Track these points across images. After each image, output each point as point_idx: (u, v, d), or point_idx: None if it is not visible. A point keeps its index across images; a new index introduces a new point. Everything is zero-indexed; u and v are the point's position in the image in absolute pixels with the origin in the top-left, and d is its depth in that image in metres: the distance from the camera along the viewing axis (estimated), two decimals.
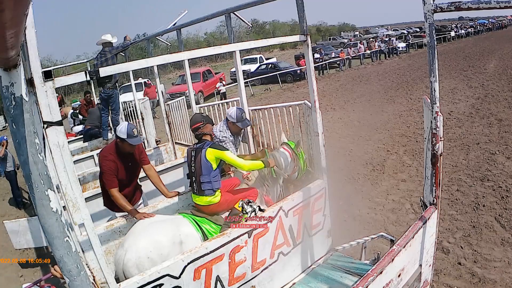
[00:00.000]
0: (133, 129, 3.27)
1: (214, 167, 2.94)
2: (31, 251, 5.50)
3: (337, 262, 3.34)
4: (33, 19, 1.47)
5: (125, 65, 2.65)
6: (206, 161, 2.92)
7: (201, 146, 3.01)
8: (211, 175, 2.93)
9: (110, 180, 3.25)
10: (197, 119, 3.16)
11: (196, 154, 3.01)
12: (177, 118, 5.96)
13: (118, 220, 3.10)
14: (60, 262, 1.39)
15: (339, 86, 17.23)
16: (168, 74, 33.28)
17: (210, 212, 3.01)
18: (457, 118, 9.41)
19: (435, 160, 2.37)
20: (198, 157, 2.98)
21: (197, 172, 2.98)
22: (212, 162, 2.93)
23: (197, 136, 3.17)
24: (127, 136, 3.23)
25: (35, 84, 1.58)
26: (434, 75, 2.21)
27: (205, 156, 2.92)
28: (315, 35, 52.91)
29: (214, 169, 2.95)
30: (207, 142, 3.04)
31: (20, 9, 0.73)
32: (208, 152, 2.93)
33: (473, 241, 4.42)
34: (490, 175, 6.00)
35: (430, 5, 2.09)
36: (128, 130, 3.24)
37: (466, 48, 26.98)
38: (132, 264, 2.54)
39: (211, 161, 2.92)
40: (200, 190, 2.98)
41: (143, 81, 17.24)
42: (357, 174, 6.80)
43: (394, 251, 2.13)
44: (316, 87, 3.21)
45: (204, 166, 2.93)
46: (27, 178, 1.26)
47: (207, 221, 2.95)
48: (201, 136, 3.12)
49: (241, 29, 31.03)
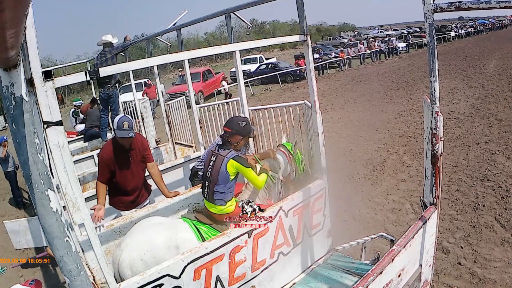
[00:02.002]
0: (124, 121, 3.22)
1: (231, 178, 2.79)
2: (31, 251, 5.50)
3: (337, 262, 3.34)
4: (33, 19, 1.47)
5: (125, 65, 2.65)
6: (225, 172, 2.75)
7: (223, 154, 2.81)
8: (226, 186, 2.78)
9: (99, 172, 3.30)
10: (230, 124, 2.92)
11: (217, 160, 2.82)
12: (177, 118, 5.96)
13: (118, 220, 3.10)
14: (60, 262, 1.39)
15: (339, 86, 17.23)
16: (168, 74, 33.30)
17: (222, 220, 2.88)
18: (457, 118, 9.41)
19: (435, 160, 2.37)
20: (218, 164, 2.79)
21: (213, 179, 2.82)
22: (231, 174, 2.77)
23: (222, 138, 2.98)
24: (116, 128, 3.23)
25: (35, 84, 1.58)
26: (434, 75, 2.21)
27: (226, 167, 2.75)
28: (315, 35, 52.97)
29: (230, 180, 2.80)
30: (232, 152, 2.83)
31: (20, 9, 0.73)
32: (230, 163, 2.75)
33: (473, 241, 4.42)
34: (490, 175, 6.00)
35: (430, 5, 2.09)
36: (118, 122, 3.24)
37: (466, 48, 26.99)
38: (126, 265, 2.53)
39: (230, 173, 2.76)
40: (211, 198, 2.85)
41: (143, 81, 17.26)
42: (357, 174, 6.80)
43: (394, 251, 2.13)
44: (316, 87, 3.21)
45: (222, 176, 2.77)
46: (27, 178, 1.26)
47: (210, 228, 2.85)
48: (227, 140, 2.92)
49: (241, 29, 30.98)
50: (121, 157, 3.37)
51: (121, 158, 3.38)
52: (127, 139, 3.31)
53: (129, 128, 3.26)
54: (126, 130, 3.24)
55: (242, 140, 2.93)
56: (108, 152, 3.33)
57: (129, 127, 3.25)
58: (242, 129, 2.89)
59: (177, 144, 6.02)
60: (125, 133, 3.24)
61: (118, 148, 3.35)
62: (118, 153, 3.35)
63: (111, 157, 3.32)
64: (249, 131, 2.94)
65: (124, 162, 3.40)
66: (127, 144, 3.36)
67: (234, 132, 2.87)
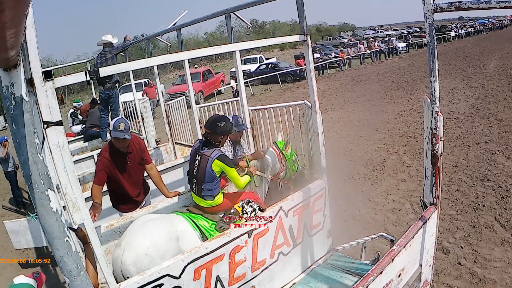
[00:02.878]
0: (121, 123, 3.24)
1: (217, 175, 2.91)
2: (31, 251, 5.50)
3: (337, 262, 3.34)
4: (33, 19, 1.47)
5: (125, 65, 2.65)
6: (211, 171, 2.86)
7: (208, 154, 2.88)
8: (213, 183, 2.91)
9: (96, 176, 3.29)
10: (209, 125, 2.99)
11: (202, 160, 2.90)
12: (177, 118, 5.96)
13: (118, 220, 3.10)
14: (60, 262, 1.39)
15: (339, 86, 17.24)
16: (168, 74, 33.31)
17: (212, 212, 3.00)
18: (457, 118, 9.41)
19: (435, 160, 2.37)
20: (203, 164, 2.88)
21: (200, 177, 2.92)
22: (217, 173, 2.89)
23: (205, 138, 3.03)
24: (113, 129, 3.25)
25: (35, 84, 1.58)
26: (434, 75, 2.21)
27: (211, 167, 2.85)
28: (315, 35, 52.97)
29: (216, 178, 2.92)
30: (216, 151, 2.89)
31: (20, 9, 0.73)
32: (214, 163, 2.84)
33: (473, 241, 4.42)
34: (490, 175, 6.00)
35: (430, 5, 2.09)
36: (115, 123, 3.26)
37: (466, 48, 26.99)
38: (130, 262, 2.54)
39: (216, 171, 2.87)
40: (200, 194, 2.97)
41: (143, 81, 17.25)
42: (357, 174, 6.80)
43: (394, 251, 2.13)
44: (316, 87, 3.21)
45: (208, 175, 2.87)
46: (27, 178, 1.26)
47: (202, 218, 2.95)
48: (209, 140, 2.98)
49: (241, 29, 31.03)
50: (119, 161, 3.35)
51: (119, 162, 3.36)
52: (122, 140, 3.29)
53: (125, 130, 3.24)
54: (122, 131, 3.23)
55: (223, 138, 3.01)
56: (106, 155, 3.31)
57: (125, 129, 3.24)
58: (221, 128, 2.96)
59: (177, 144, 6.01)
60: (120, 134, 3.23)
61: (116, 152, 3.34)
62: (115, 157, 3.33)
63: (108, 160, 3.30)
64: (228, 129, 3.00)
65: (122, 166, 3.38)
66: (123, 147, 3.34)
67: (213, 132, 2.96)
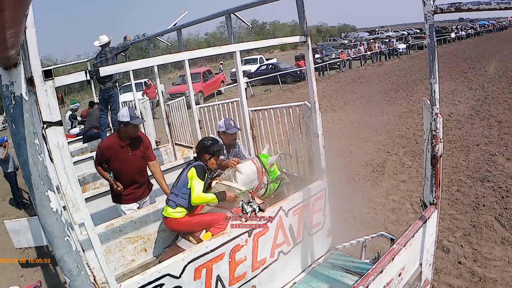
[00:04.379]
0: (135, 111, 3.45)
1: (189, 185, 2.95)
2: (31, 251, 5.50)
3: (337, 261, 3.33)
4: (33, 19, 1.47)
5: (125, 65, 2.65)
6: (185, 177, 2.97)
7: (191, 163, 3.11)
8: (181, 190, 2.96)
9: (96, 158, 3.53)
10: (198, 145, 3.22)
11: (186, 167, 3.09)
12: (177, 118, 5.96)
13: (118, 220, 3.10)
14: (60, 262, 1.39)
15: (339, 87, 17.24)
16: (168, 74, 33.32)
17: (167, 226, 3.04)
18: (457, 120, 9.41)
19: (435, 161, 2.37)
20: (184, 170, 3.07)
21: (175, 182, 3.07)
22: (190, 180, 2.96)
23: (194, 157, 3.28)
24: (130, 118, 3.33)
25: (35, 83, 1.58)
26: (434, 76, 2.21)
27: (187, 173, 2.98)
28: (316, 36, 52.94)
29: (187, 187, 2.96)
30: (198, 162, 3.07)
31: (20, 9, 0.73)
32: (191, 170, 2.97)
33: (473, 240, 4.42)
34: (490, 176, 6.00)
35: (430, 6, 2.09)
36: (130, 113, 3.37)
37: (466, 49, 26.97)
38: None
39: (189, 178, 2.95)
40: (167, 199, 3.05)
41: (143, 81, 17.25)
42: (357, 175, 6.80)
43: (394, 250, 2.12)
44: (316, 88, 3.21)
45: (182, 180, 2.99)
46: (26, 179, 1.26)
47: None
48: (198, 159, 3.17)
49: (241, 30, 31.01)
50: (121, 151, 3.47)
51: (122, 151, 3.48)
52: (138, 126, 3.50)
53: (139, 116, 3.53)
54: (139, 118, 3.48)
55: (210, 158, 3.10)
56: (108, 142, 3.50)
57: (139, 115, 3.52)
58: (207, 147, 3.09)
59: (177, 145, 6.01)
60: (140, 120, 3.49)
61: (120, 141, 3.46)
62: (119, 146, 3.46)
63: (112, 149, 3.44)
64: (215, 150, 3.10)
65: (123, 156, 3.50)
66: (135, 133, 3.49)
67: (200, 151, 3.12)
